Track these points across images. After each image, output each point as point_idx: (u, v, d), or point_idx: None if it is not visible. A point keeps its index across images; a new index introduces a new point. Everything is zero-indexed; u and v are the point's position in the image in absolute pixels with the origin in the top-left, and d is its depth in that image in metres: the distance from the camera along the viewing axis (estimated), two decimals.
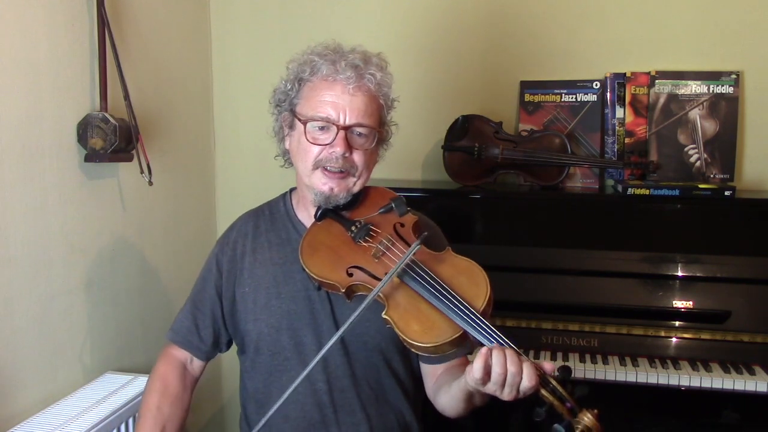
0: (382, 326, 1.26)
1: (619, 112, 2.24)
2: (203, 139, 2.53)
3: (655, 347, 1.91)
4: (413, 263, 1.26)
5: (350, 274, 1.30)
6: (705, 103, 2.16)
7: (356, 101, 1.35)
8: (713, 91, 2.15)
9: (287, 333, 1.43)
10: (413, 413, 1.49)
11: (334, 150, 1.35)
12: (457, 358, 1.42)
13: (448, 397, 1.36)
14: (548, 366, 1.15)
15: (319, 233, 1.39)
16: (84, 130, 1.73)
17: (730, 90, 2.15)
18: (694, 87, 2.16)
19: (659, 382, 1.81)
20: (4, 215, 1.53)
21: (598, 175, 2.26)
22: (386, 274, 1.25)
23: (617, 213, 2.05)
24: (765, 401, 1.78)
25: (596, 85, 2.24)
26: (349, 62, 1.35)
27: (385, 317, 1.23)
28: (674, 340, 1.92)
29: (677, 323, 1.92)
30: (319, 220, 1.40)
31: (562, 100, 2.26)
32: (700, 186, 2.00)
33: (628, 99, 2.22)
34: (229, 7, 2.51)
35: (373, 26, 2.41)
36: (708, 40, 2.20)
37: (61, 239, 1.71)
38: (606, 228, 2.04)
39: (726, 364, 1.85)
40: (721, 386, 1.78)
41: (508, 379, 1.12)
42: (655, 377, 1.81)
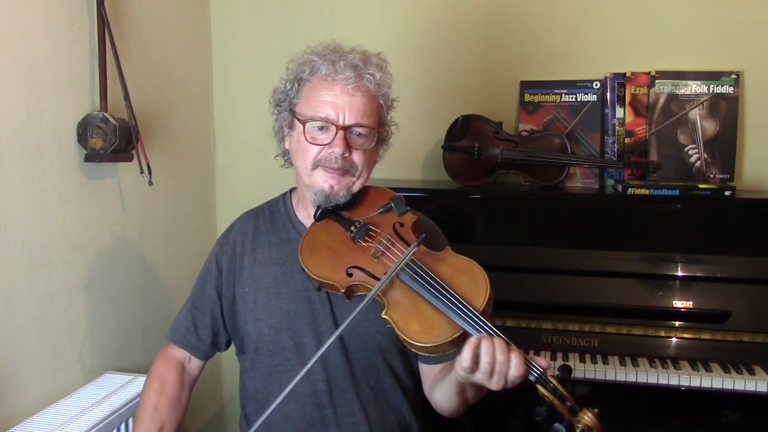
0: (382, 326, 1.26)
1: (619, 112, 2.24)
2: (203, 139, 2.53)
3: (655, 347, 1.91)
4: (413, 263, 1.26)
5: (350, 274, 1.30)
6: (705, 103, 2.16)
7: (355, 101, 1.35)
8: (713, 91, 2.15)
9: (287, 333, 1.43)
10: (413, 413, 1.49)
11: (333, 150, 1.35)
12: (456, 357, 1.42)
13: (441, 392, 1.37)
14: (543, 362, 1.16)
15: (318, 233, 1.39)
16: (84, 130, 1.73)
17: (730, 90, 2.15)
18: (694, 87, 2.16)
19: (659, 382, 1.81)
20: (4, 215, 1.54)
21: (598, 175, 2.26)
22: (386, 273, 1.25)
23: (617, 213, 2.05)
24: (765, 401, 1.78)
25: (596, 85, 2.24)
26: (348, 62, 1.34)
27: (385, 317, 1.23)
28: (674, 340, 1.92)
29: (677, 323, 1.92)
30: (319, 220, 1.40)
31: (562, 100, 2.26)
32: (700, 186, 2.00)
33: (628, 99, 2.22)
34: (229, 7, 2.51)
35: (373, 26, 2.41)
36: (708, 40, 2.20)
37: (61, 239, 1.71)
38: (606, 228, 2.03)
39: (726, 364, 1.85)
40: (721, 386, 1.78)
41: (495, 367, 1.13)
42: (655, 377, 1.81)
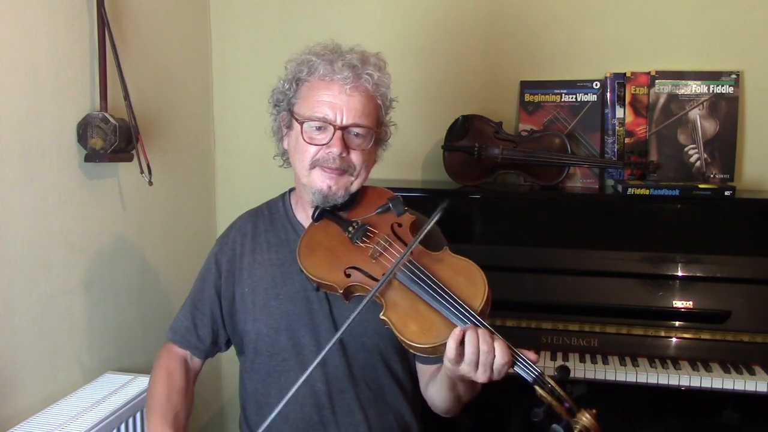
0: (381, 327, 1.26)
1: (619, 112, 2.23)
2: (203, 139, 2.53)
3: (655, 347, 1.91)
4: (411, 264, 1.26)
5: (348, 275, 1.30)
6: (705, 103, 2.15)
7: (353, 101, 1.34)
8: (713, 91, 2.15)
9: (286, 334, 1.43)
10: (412, 413, 1.49)
11: (331, 150, 1.35)
12: None
13: (435, 388, 1.38)
14: (531, 355, 1.17)
15: (316, 234, 1.39)
16: (84, 130, 1.73)
17: (730, 90, 2.14)
18: (694, 87, 2.16)
19: (659, 382, 1.80)
20: (4, 215, 1.54)
21: (598, 175, 2.26)
22: (384, 274, 1.25)
23: (617, 213, 2.05)
24: (765, 401, 1.78)
25: (596, 85, 2.24)
26: (346, 62, 1.34)
27: (383, 318, 1.23)
28: (674, 340, 1.92)
29: (677, 323, 1.92)
30: (317, 220, 1.40)
31: (562, 100, 2.26)
32: (700, 186, 2.00)
33: (628, 99, 2.22)
34: (229, 7, 2.51)
35: (373, 26, 2.41)
36: (708, 40, 2.20)
37: (60, 239, 1.71)
38: (606, 228, 2.03)
39: (726, 364, 1.85)
40: (721, 386, 1.78)
41: (480, 357, 1.14)
42: (655, 377, 1.81)
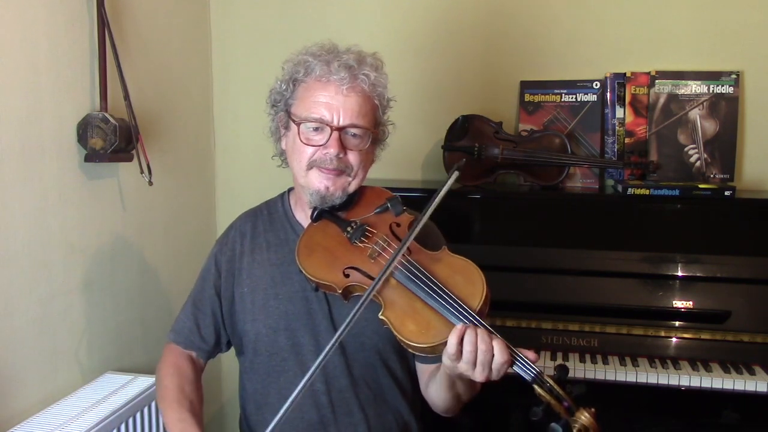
0: (380, 326, 1.26)
1: (619, 112, 2.23)
2: (203, 139, 2.53)
3: (655, 347, 1.91)
4: (409, 263, 1.26)
5: (347, 275, 1.30)
6: (705, 103, 2.15)
7: (350, 102, 1.34)
8: (713, 91, 2.15)
9: (285, 334, 1.43)
10: (411, 413, 1.49)
11: (328, 151, 1.35)
12: None
13: (434, 388, 1.38)
14: (530, 354, 1.17)
15: (315, 234, 1.39)
16: (84, 130, 1.73)
17: (730, 90, 2.14)
18: (694, 87, 2.16)
19: (659, 382, 1.80)
20: (4, 215, 1.54)
21: (598, 175, 2.26)
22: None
23: (617, 213, 2.04)
24: (765, 401, 1.78)
25: (596, 85, 2.24)
26: (342, 63, 1.34)
27: (382, 318, 1.23)
28: (674, 340, 1.92)
29: (677, 323, 1.91)
30: (315, 221, 1.40)
31: (562, 100, 2.26)
32: (700, 186, 2.00)
33: (628, 99, 2.22)
34: (229, 7, 2.51)
35: (372, 26, 2.41)
36: (708, 40, 2.20)
37: (60, 239, 1.72)
38: (606, 228, 2.03)
39: (726, 364, 1.85)
40: (721, 386, 1.78)
41: (478, 356, 1.15)
42: (655, 377, 1.81)
